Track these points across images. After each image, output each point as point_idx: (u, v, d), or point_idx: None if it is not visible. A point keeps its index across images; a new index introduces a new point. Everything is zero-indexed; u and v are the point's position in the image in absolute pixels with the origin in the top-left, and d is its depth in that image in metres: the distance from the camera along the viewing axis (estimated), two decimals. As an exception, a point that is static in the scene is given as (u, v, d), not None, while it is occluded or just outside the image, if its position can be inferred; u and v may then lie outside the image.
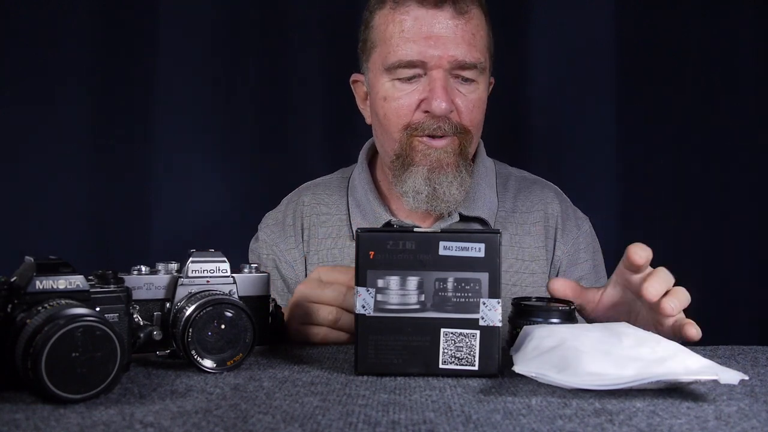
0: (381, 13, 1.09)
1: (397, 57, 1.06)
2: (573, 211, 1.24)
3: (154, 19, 1.57)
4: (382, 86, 1.09)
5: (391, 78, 1.08)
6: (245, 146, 1.62)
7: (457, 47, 1.04)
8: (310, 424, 0.54)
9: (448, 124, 1.06)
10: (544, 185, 1.25)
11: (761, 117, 1.63)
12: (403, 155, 1.09)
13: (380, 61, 1.09)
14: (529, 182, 1.25)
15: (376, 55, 1.10)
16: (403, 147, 1.08)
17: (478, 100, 1.09)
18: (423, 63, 1.05)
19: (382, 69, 1.09)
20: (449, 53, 1.04)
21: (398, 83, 1.07)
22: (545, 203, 1.21)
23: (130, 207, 1.57)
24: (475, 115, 1.10)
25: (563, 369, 0.65)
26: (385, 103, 1.09)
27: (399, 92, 1.07)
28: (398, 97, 1.07)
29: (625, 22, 1.63)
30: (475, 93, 1.09)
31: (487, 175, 1.20)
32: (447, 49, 1.04)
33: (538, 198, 1.22)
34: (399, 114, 1.08)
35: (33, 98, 1.53)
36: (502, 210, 1.19)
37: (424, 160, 1.07)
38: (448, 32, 1.04)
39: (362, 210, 1.18)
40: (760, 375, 0.73)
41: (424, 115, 1.07)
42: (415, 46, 1.04)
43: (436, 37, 1.04)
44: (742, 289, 1.62)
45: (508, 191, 1.22)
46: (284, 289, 1.20)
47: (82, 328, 0.58)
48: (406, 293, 0.70)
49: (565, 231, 1.19)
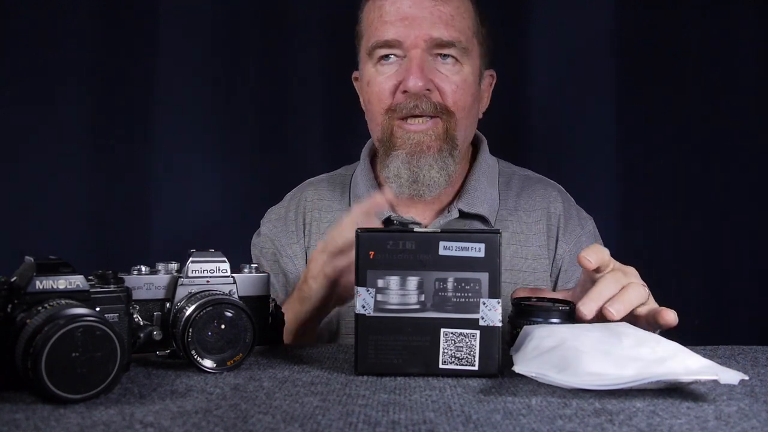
0: (367, 5, 1.14)
1: (375, 38, 1.09)
2: (576, 211, 1.23)
3: (154, 19, 1.57)
4: (367, 72, 1.12)
5: (373, 63, 1.11)
6: (245, 146, 1.62)
7: (432, 26, 1.06)
8: (310, 424, 0.54)
9: (426, 103, 1.07)
10: (547, 184, 1.25)
11: (761, 117, 1.63)
12: (385, 140, 1.11)
13: (365, 49, 1.13)
14: (533, 181, 1.25)
15: (363, 45, 1.14)
16: (385, 131, 1.10)
17: (462, 81, 1.10)
18: (399, 42, 1.07)
19: (366, 56, 1.12)
20: (424, 31, 1.06)
21: (380, 67, 1.10)
22: (548, 202, 1.21)
23: (130, 207, 1.57)
24: (459, 97, 1.09)
25: (563, 369, 0.65)
26: (368, 88, 1.12)
27: (380, 76, 1.10)
28: (379, 81, 1.10)
29: (625, 22, 1.63)
30: (458, 75, 1.09)
31: (489, 172, 1.20)
32: (422, 28, 1.06)
33: (540, 197, 1.21)
34: (380, 98, 1.10)
35: (33, 98, 1.53)
36: (504, 208, 1.19)
37: (403, 144, 1.09)
38: (425, 13, 1.07)
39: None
40: (760, 375, 0.73)
41: (403, 96, 1.08)
42: (392, 27, 1.07)
43: (411, 17, 1.07)
44: (742, 289, 1.62)
45: (510, 189, 1.22)
46: (285, 284, 1.20)
47: (82, 328, 0.58)
48: (406, 293, 0.70)
49: (568, 230, 1.19)
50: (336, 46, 1.57)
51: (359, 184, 1.21)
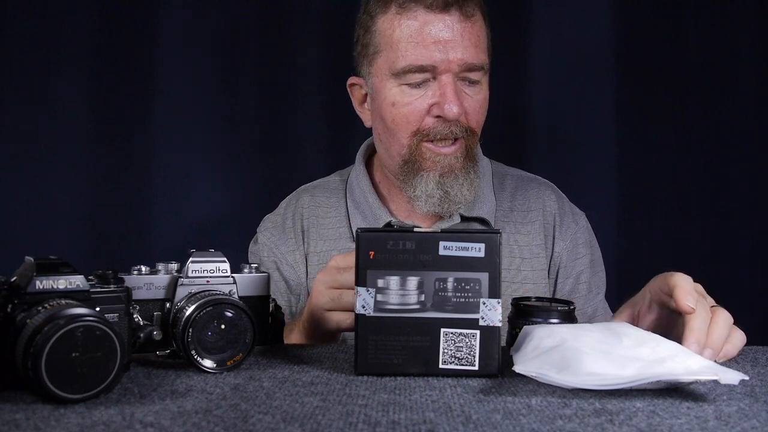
0: (385, 18, 1.08)
1: (407, 62, 1.05)
2: (570, 207, 1.25)
3: (154, 19, 1.57)
4: (390, 91, 1.08)
5: (399, 83, 1.07)
6: (245, 146, 1.62)
7: (465, 50, 1.05)
8: (310, 424, 0.54)
9: (458, 128, 1.07)
10: (540, 183, 1.26)
11: (761, 117, 1.63)
12: (412, 161, 1.09)
13: (387, 66, 1.08)
14: (526, 181, 1.26)
15: (382, 60, 1.09)
16: (412, 152, 1.09)
17: (483, 100, 1.11)
18: (433, 67, 1.05)
19: (389, 74, 1.08)
20: (458, 56, 1.04)
21: (407, 88, 1.07)
22: (543, 201, 1.22)
23: (130, 207, 1.57)
24: (480, 117, 1.11)
25: (563, 369, 0.65)
26: (393, 108, 1.08)
27: (408, 97, 1.07)
28: (408, 102, 1.07)
29: (625, 22, 1.63)
30: (480, 94, 1.10)
31: (484, 174, 1.21)
32: (456, 52, 1.04)
33: (535, 196, 1.22)
34: (409, 119, 1.07)
35: (33, 98, 1.53)
36: (500, 209, 1.20)
37: (434, 166, 1.08)
38: (456, 36, 1.04)
39: (362, 211, 1.18)
40: (760, 375, 0.73)
41: (435, 120, 1.07)
42: (425, 50, 1.04)
43: (445, 41, 1.04)
44: (742, 289, 1.62)
45: (505, 190, 1.23)
46: (287, 291, 1.20)
47: (82, 328, 0.58)
48: (406, 293, 0.70)
49: (563, 227, 1.20)
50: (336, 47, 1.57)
51: (356, 189, 1.21)
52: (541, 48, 1.64)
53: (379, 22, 1.09)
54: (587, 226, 1.24)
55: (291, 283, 1.19)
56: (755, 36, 1.63)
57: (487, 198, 1.18)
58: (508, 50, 1.62)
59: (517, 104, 1.65)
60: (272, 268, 1.20)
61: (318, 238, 1.20)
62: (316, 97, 1.62)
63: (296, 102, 1.62)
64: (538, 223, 1.19)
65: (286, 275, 1.20)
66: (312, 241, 1.20)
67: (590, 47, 1.63)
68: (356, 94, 1.19)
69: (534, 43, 1.64)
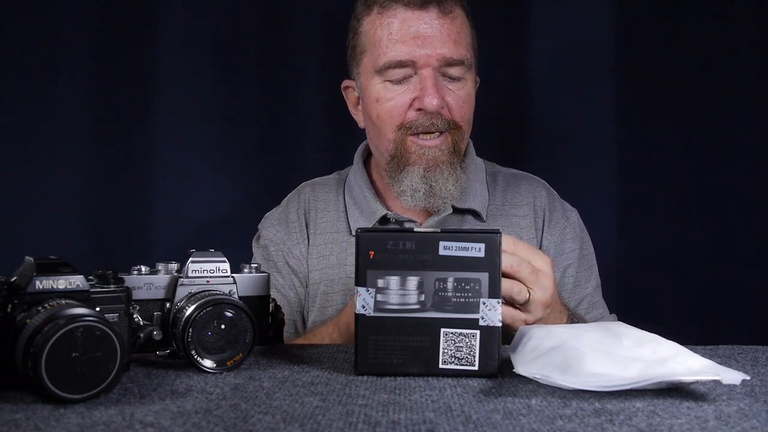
0: (368, 19, 1.13)
1: (388, 58, 1.09)
2: (560, 204, 1.27)
3: (154, 19, 1.57)
4: (374, 88, 1.12)
5: (382, 80, 1.11)
6: (245, 146, 1.62)
7: (444, 45, 1.08)
8: (310, 424, 0.54)
9: (440, 120, 1.10)
10: (531, 179, 1.28)
11: (761, 117, 1.63)
12: (398, 156, 1.12)
13: (371, 65, 1.12)
14: (517, 178, 1.28)
15: (367, 60, 1.13)
16: (398, 147, 1.12)
17: (467, 96, 1.13)
18: (413, 62, 1.08)
19: (373, 72, 1.12)
20: (437, 51, 1.08)
21: (389, 84, 1.11)
22: (533, 196, 1.24)
23: (130, 207, 1.57)
24: (465, 111, 1.13)
25: (565, 370, 0.65)
26: (377, 104, 1.12)
27: (391, 93, 1.11)
28: (391, 97, 1.11)
29: (625, 22, 1.63)
30: (463, 89, 1.12)
31: (477, 171, 1.24)
32: (434, 47, 1.08)
33: (526, 191, 1.24)
34: (392, 114, 1.11)
35: (33, 98, 1.53)
36: (493, 204, 1.22)
37: (419, 159, 1.11)
38: (435, 31, 1.08)
39: (359, 206, 1.20)
40: (760, 375, 0.73)
41: (417, 113, 1.10)
42: (404, 46, 1.08)
43: (423, 37, 1.08)
44: (742, 289, 1.62)
45: (497, 186, 1.25)
46: (300, 284, 1.21)
47: (82, 328, 0.58)
48: (406, 293, 0.70)
49: (552, 221, 1.22)
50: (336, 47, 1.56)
51: (354, 186, 1.23)
52: (541, 48, 1.64)
53: (364, 23, 1.14)
54: (578, 222, 1.26)
55: (300, 276, 1.21)
56: (755, 36, 1.63)
57: (479, 192, 1.21)
58: (508, 50, 1.62)
59: (517, 104, 1.65)
60: (281, 261, 1.22)
61: (316, 231, 1.22)
62: (316, 97, 1.62)
63: (296, 102, 1.62)
64: (528, 218, 1.22)
65: (295, 268, 1.22)
66: (312, 233, 1.23)
67: (590, 47, 1.63)
68: (350, 97, 1.23)
69: (534, 43, 1.64)
